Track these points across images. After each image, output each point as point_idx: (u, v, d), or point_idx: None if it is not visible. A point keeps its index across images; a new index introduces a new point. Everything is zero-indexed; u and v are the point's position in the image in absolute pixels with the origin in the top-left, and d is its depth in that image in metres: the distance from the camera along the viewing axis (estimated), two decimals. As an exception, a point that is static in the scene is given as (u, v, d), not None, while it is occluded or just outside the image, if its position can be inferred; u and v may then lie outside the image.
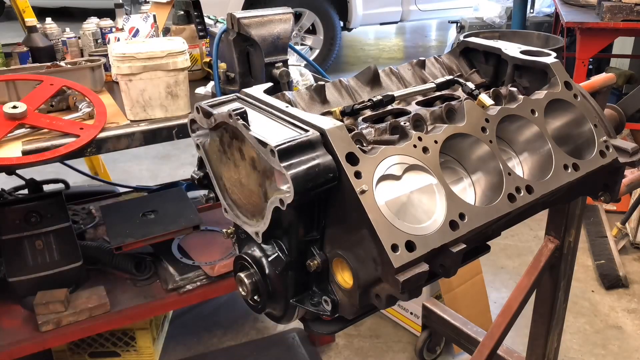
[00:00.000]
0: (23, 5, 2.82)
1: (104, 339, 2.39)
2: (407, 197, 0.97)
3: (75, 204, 2.85)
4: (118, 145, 1.81)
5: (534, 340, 1.96)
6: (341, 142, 0.95)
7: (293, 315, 1.07)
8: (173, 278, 2.30)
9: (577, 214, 1.71)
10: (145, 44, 1.89)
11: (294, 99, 1.24)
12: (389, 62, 7.65)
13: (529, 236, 3.48)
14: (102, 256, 2.38)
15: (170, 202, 2.54)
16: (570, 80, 1.29)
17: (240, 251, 1.09)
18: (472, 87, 1.32)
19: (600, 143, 1.25)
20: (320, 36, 6.48)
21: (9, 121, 1.76)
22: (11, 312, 2.17)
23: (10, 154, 1.68)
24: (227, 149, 1.07)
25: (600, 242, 3.30)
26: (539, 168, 1.19)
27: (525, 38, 3.99)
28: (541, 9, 6.27)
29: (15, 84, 1.99)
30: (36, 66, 2.19)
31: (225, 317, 2.81)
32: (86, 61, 2.20)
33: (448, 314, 2.41)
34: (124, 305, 2.21)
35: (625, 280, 2.99)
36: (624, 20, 3.20)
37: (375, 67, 1.36)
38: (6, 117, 1.75)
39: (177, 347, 2.63)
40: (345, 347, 2.64)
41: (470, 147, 1.12)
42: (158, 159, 4.67)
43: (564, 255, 1.77)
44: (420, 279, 0.91)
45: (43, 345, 2.08)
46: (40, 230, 2.16)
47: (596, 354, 2.58)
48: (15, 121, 1.76)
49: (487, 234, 1.10)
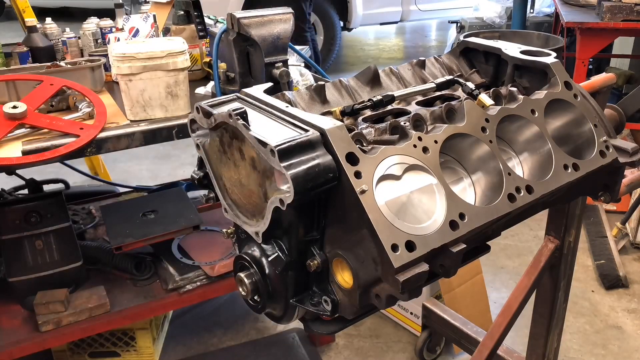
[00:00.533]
0: (23, 5, 2.82)
1: (104, 339, 2.39)
2: (407, 197, 0.97)
3: (75, 203, 2.86)
4: (118, 145, 1.81)
5: (534, 340, 1.96)
6: (341, 142, 0.95)
7: (293, 315, 1.07)
8: (173, 278, 2.30)
9: (577, 214, 1.71)
10: (145, 44, 1.89)
11: (294, 99, 1.24)
12: (389, 62, 7.65)
13: (529, 236, 3.48)
14: (102, 256, 2.38)
15: (170, 202, 2.54)
16: (570, 80, 1.29)
17: (240, 251, 1.09)
18: (472, 87, 1.32)
19: (600, 143, 1.25)
20: (321, 36, 6.48)
21: (9, 121, 1.76)
22: (11, 312, 2.17)
23: (10, 154, 1.68)
24: (227, 149, 1.07)
25: (600, 242, 3.30)
26: (539, 168, 1.19)
27: (525, 38, 3.98)
28: (541, 9, 6.28)
29: (15, 84, 1.98)
30: (36, 66, 2.19)
31: (226, 317, 2.81)
32: (86, 61, 2.20)
33: (448, 314, 2.41)
34: (123, 305, 2.20)
35: (625, 280, 2.99)
36: (624, 20, 3.20)
37: (375, 67, 1.36)
38: (6, 117, 1.75)
39: (177, 347, 2.63)
40: (345, 347, 2.64)
41: (470, 147, 1.12)
42: (158, 159, 4.67)
43: (564, 255, 1.77)
44: (420, 279, 0.91)
45: (43, 345, 2.08)
46: (40, 230, 2.16)
47: (596, 354, 2.58)
48: (15, 121, 1.76)
49: (487, 234, 1.10)
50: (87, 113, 1.90)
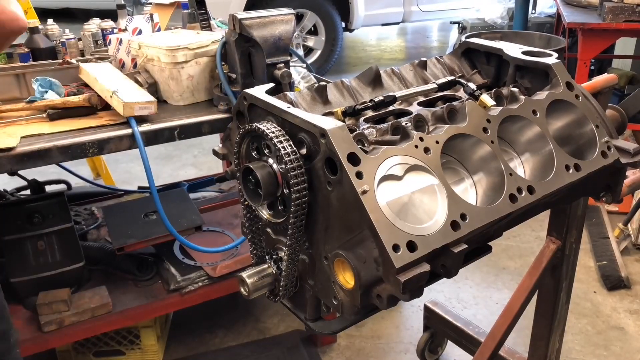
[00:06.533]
0: (25, 6, 2.82)
1: (108, 338, 2.38)
2: (409, 197, 0.97)
3: (77, 204, 2.86)
4: (120, 145, 1.81)
5: (535, 341, 1.96)
6: (343, 143, 0.95)
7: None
8: (175, 279, 2.30)
9: (578, 214, 1.71)
10: (183, 36, 2.13)
11: (296, 99, 1.24)
12: (391, 62, 7.65)
13: (530, 237, 3.48)
14: (104, 257, 2.39)
15: (172, 203, 2.54)
16: (572, 80, 1.29)
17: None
18: (474, 88, 1.32)
19: (602, 144, 1.25)
20: (322, 37, 6.48)
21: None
22: (13, 313, 2.16)
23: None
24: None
25: (602, 243, 3.29)
26: (541, 168, 1.19)
27: (527, 39, 3.98)
28: (543, 10, 6.28)
29: (25, 78, 2.05)
30: (48, 63, 2.22)
31: (227, 317, 2.81)
32: (96, 59, 2.24)
33: (450, 314, 2.41)
34: (126, 305, 2.21)
35: (627, 281, 2.99)
36: (626, 21, 3.20)
37: (377, 67, 1.36)
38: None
39: (178, 348, 2.63)
40: (347, 348, 2.63)
41: (471, 147, 1.12)
42: (160, 159, 4.67)
43: (566, 256, 1.76)
44: (421, 279, 0.91)
45: (45, 345, 2.08)
46: (43, 230, 2.17)
47: (598, 355, 2.57)
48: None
49: (488, 234, 1.10)
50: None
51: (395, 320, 2.79)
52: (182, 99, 2.05)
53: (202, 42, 2.02)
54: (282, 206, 1.10)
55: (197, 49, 2.00)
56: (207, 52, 2.03)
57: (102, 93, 1.90)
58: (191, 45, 1.99)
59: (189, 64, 2.00)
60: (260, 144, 1.10)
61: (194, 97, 2.06)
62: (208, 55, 2.03)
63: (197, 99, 2.07)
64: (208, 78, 2.06)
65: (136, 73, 2.06)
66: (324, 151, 0.97)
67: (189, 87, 2.04)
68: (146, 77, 2.05)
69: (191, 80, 2.03)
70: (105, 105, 1.93)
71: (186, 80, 2.02)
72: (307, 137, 1.01)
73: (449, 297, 2.93)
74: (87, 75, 2.02)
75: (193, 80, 2.03)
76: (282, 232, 1.14)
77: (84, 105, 1.89)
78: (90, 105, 1.90)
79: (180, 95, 2.04)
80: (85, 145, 1.74)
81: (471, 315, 2.76)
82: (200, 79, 2.05)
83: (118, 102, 1.80)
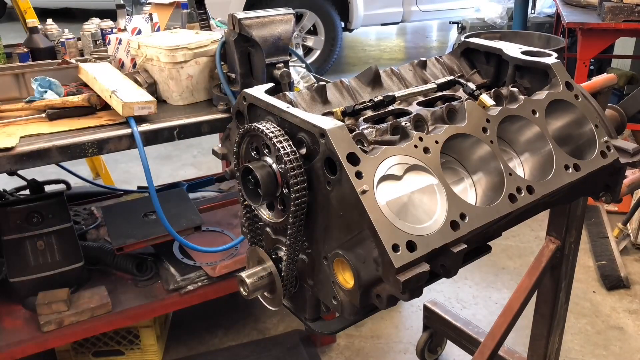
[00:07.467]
0: (25, 6, 2.83)
1: (107, 338, 2.38)
2: (408, 197, 0.97)
3: (76, 204, 2.86)
4: (119, 145, 1.81)
5: (535, 340, 1.96)
6: (342, 142, 0.95)
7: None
8: (174, 278, 2.30)
9: (578, 214, 1.71)
10: (182, 36, 2.12)
11: (295, 99, 1.24)
12: (390, 62, 7.65)
13: (530, 237, 3.48)
14: (103, 257, 2.39)
15: (171, 203, 2.54)
16: (572, 80, 1.30)
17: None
18: (473, 88, 1.32)
19: (601, 143, 1.25)
20: (322, 37, 6.48)
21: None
22: (13, 313, 2.17)
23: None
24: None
25: (602, 243, 3.29)
26: (540, 168, 1.19)
27: (527, 39, 3.98)
28: (542, 10, 6.28)
29: (25, 77, 2.04)
30: (47, 63, 2.22)
31: (227, 317, 2.81)
32: (96, 59, 2.24)
33: (449, 314, 2.41)
34: (125, 305, 2.21)
35: (626, 281, 2.99)
36: (625, 20, 3.20)
37: (377, 67, 1.36)
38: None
39: (178, 348, 2.63)
40: (346, 348, 2.64)
41: (471, 147, 1.12)
42: (159, 159, 4.67)
43: (565, 256, 1.76)
44: (421, 279, 0.91)
45: (45, 345, 2.08)
46: (42, 230, 2.16)
47: (597, 354, 2.57)
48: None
49: (488, 234, 1.10)
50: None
51: (395, 320, 2.79)
52: (182, 98, 2.05)
53: (201, 42, 2.02)
54: (281, 206, 1.10)
55: (196, 48, 2.01)
56: (207, 52, 2.03)
57: (101, 93, 1.90)
58: (190, 45, 1.99)
59: (189, 63, 2.00)
60: (259, 144, 1.10)
61: (193, 97, 2.07)
62: (207, 55, 2.03)
63: (197, 98, 2.08)
64: (207, 78, 2.07)
65: (135, 73, 2.06)
66: (324, 151, 0.97)
67: (189, 87, 2.04)
68: (145, 77, 2.06)
69: (190, 80, 2.03)
70: (105, 105, 1.93)
71: (185, 80, 2.02)
72: (307, 137, 1.01)
73: (448, 296, 2.93)
74: (86, 75, 2.02)
75: (192, 80, 2.04)
76: (281, 231, 1.14)
77: (84, 105, 1.89)
78: (89, 105, 1.90)
79: (180, 95, 2.04)
80: (84, 145, 1.74)
81: (471, 315, 2.76)
82: (199, 79, 2.05)
83: (117, 102, 1.80)
